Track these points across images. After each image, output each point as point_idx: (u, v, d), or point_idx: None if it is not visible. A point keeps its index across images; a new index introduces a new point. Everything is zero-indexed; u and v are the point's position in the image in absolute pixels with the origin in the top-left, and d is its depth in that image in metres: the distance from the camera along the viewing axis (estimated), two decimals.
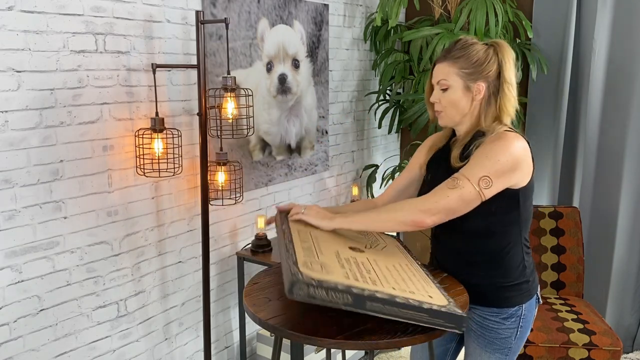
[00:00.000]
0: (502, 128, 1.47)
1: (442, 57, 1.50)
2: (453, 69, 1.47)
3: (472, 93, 1.47)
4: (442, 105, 1.50)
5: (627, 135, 2.87)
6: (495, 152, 1.39)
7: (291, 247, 1.31)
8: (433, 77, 1.53)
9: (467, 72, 1.46)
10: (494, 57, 1.46)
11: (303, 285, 1.12)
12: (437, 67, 1.51)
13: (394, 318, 1.19)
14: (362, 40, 3.21)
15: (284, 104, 2.64)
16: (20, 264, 1.73)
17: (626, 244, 2.97)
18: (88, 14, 1.81)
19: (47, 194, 1.77)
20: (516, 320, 1.53)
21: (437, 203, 1.38)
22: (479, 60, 1.46)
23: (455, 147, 1.52)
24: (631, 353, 3.06)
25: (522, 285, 1.52)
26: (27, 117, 1.69)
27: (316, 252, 1.32)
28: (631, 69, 2.82)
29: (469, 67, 1.46)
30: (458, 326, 1.22)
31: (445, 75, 1.48)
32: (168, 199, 2.17)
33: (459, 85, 1.47)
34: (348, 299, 1.16)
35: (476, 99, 1.48)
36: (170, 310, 2.26)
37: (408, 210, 1.40)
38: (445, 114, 1.52)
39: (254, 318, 1.31)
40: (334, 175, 3.12)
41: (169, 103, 2.11)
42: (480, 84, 1.46)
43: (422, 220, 1.38)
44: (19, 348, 1.76)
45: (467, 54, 1.46)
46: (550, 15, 2.99)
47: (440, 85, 1.49)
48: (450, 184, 1.39)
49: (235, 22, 2.32)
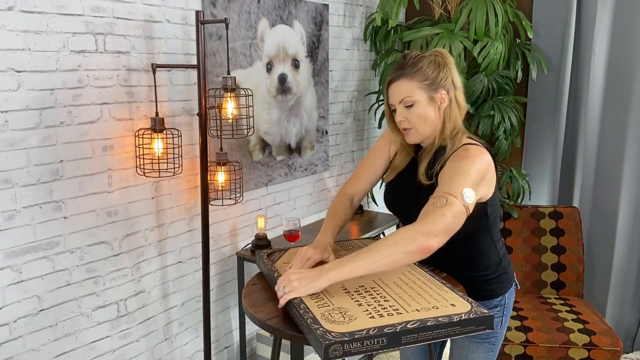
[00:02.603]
0: (464, 139, 1.49)
1: (397, 76, 1.49)
2: (413, 83, 1.46)
3: (437, 103, 1.48)
4: (412, 122, 1.49)
5: (627, 135, 2.87)
6: (465, 167, 1.39)
7: (298, 298, 1.26)
8: (392, 97, 1.51)
9: (428, 84, 1.46)
10: (444, 66, 1.48)
11: (337, 346, 1.08)
12: (394, 87, 1.49)
13: (429, 342, 1.17)
14: (362, 40, 3.21)
15: (284, 104, 2.64)
16: (20, 264, 1.73)
17: (626, 244, 2.97)
18: (88, 14, 1.81)
19: (47, 194, 1.77)
20: (500, 309, 1.60)
21: (436, 224, 1.31)
22: (434, 70, 1.47)
23: (421, 162, 1.52)
24: (631, 353, 3.06)
25: (501, 277, 1.59)
26: (27, 117, 1.69)
27: (324, 295, 1.30)
28: (631, 69, 2.82)
29: (427, 78, 1.46)
30: (489, 326, 1.21)
31: (408, 91, 1.47)
32: (168, 199, 2.17)
33: (423, 98, 1.47)
34: (383, 342, 1.13)
35: (441, 108, 1.48)
36: (170, 310, 2.26)
37: (410, 239, 1.29)
38: (415, 130, 1.50)
39: (254, 319, 1.31)
40: (334, 175, 3.12)
41: (169, 103, 2.11)
42: (442, 92, 1.47)
43: (429, 244, 1.29)
44: (19, 348, 1.76)
45: (421, 67, 1.46)
46: (550, 15, 2.99)
47: (404, 103, 1.48)
48: (437, 202, 1.34)
49: (235, 22, 2.33)
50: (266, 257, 1.57)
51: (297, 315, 1.22)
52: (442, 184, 1.39)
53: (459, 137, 1.49)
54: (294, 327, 1.24)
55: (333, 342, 1.08)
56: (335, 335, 1.10)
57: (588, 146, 2.96)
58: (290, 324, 1.25)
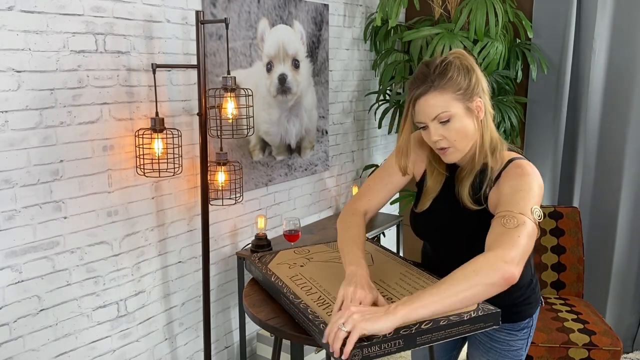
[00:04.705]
0: (506, 152, 1.35)
1: (425, 89, 1.27)
2: (447, 95, 1.27)
3: (474, 113, 1.30)
4: (450, 140, 1.30)
5: (627, 135, 2.87)
6: (527, 184, 1.27)
7: (305, 306, 1.25)
8: (422, 114, 1.29)
9: (462, 93, 1.28)
10: (472, 69, 1.31)
11: (357, 351, 1.07)
12: (424, 102, 1.28)
13: (442, 342, 1.17)
14: (362, 40, 3.21)
15: (284, 104, 2.64)
16: (20, 264, 1.73)
17: (626, 244, 2.97)
18: (88, 14, 1.81)
19: (47, 194, 1.77)
20: (527, 330, 1.52)
21: (515, 249, 1.15)
22: (465, 77, 1.29)
23: (462, 184, 1.36)
24: (631, 353, 3.06)
25: (530, 298, 1.50)
26: (27, 117, 1.69)
27: (332, 301, 1.28)
28: (631, 69, 2.82)
29: (461, 87, 1.28)
30: (496, 322, 1.22)
31: (443, 105, 1.27)
32: (168, 199, 2.17)
33: (460, 110, 1.28)
34: (400, 344, 1.12)
35: (479, 118, 1.31)
36: (171, 310, 2.26)
37: (492, 268, 1.12)
38: (454, 148, 1.31)
39: (254, 319, 1.31)
40: (334, 175, 3.12)
41: (169, 103, 2.11)
42: (477, 100, 1.30)
43: (513, 274, 1.13)
44: (19, 348, 1.76)
45: (452, 75, 1.27)
46: (550, 15, 2.99)
47: (438, 119, 1.28)
48: (509, 223, 1.19)
49: (235, 22, 2.32)
50: (257, 261, 1.53)
51: (305, 320, 1.21)
52: (506, 202, 1.24)
53: (499, 149, 1.34)
54: (295, 327, 1.24)
55: (353, 347, 1.06)
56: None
57: (588, 146, 2.96)
58: (291, 324, 1.25)
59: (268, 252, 1.61)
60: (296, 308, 1.26)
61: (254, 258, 1.55)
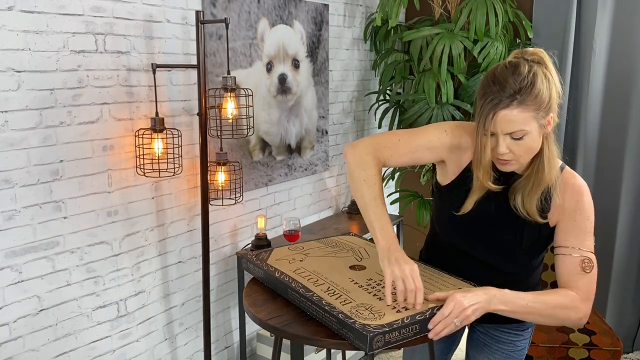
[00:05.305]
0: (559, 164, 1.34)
1: (509, 102, 1.19)
2: (529, 113, 1.20)
3: (544, 129, 1.25)
4: (516, 155, 1.25)
5: (627, 135, 2.87)
6: (588, 213, 1.35)
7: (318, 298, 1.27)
8: (499, 126, 1.22)
9: (542, 111, 1.22)
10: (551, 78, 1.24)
11: (380, 337, 1.12)
12: (504, 116, 1.20)
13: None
14: (362, 40, 3.20)
15: (284, 104, 2.64)
16: (20, 264, 1.73)
17: (626, 244, 2.97)
18: (88, 14, 1.81)
19: (47, 194, 1.77)
20: (531, 330, 1.54)
21: (593, 292, 1.31)
22: (547, 90, 1.21)
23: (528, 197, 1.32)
24: (631, 353, 3.06)
25: None
26: (27, 117, 1.69)
27: (342, 292, 1.31)
28: (631, 69, 2.82)
29: (542, 105, 1.21)
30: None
31: (522, 124, 1.20)
32: (168, 199, 2.17)
33: (535, 128, 1.22)
34: (416, 329, 1.18)
35: (548, 132, 1.27)
36: (170, 311, 2.26)
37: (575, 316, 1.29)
38: (517, 161, 1.27)
39: (254, 318, 1.31)
40: (334, 175, 3.12)
41: (169, 103, 2.11)
42: (551, 115, 1.24)
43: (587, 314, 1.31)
44: (19, 348, 1.75)
45: (539, 92, 1.20)
46: (550, 15, 2.99)
47: (513, 135, 1.22)
48: (587, 267, 1.30)
49: (235, 22, 2.32)
50: (255, 258, 1.54)
51: (321, 312, 1.23)
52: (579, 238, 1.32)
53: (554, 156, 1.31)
54: (295, 327, 1.24)
55: (377, 334, 1.11)
56: (375, 327, 1.14)
57: (588, 146, 2.96)
58: (292, 324, 1.25)
59: (263, 250, 1.61)
60: (309, 301, 1.27)
61: (251, 256, 1.55)
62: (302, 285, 1.33)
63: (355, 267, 1.47)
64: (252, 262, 1.52)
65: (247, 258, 1.54)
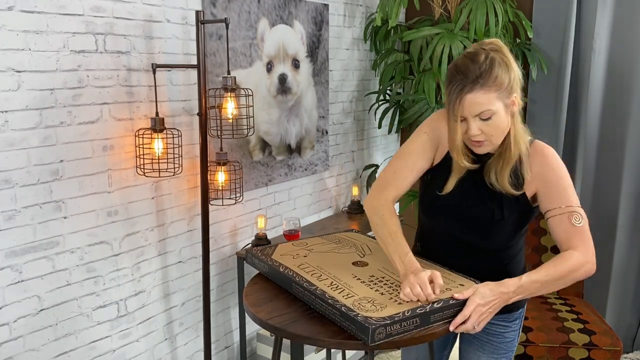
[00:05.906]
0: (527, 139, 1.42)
1: (473, 86, 1.30)
2: (491, 94, 1.30)
3: (510, 108, 1.35)
4: (487, 135, 1.35)
5: (627, 134, 2.87)
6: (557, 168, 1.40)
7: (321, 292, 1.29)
8: (466, 109, 1.32)
9: (503, 91, 1.32)
10: (510, 64, 1.34)
11: (381, 329, 1.14)
12: (470, 99, 1.30)
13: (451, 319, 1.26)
14: (362, 40, 3.20)
15: (284, 104, 2.64)
16: (20, 264, 1.73)
17: (626, 244, 2.97)
18: (88, 14, 1.81)
19: (47, 194, 1.77)
20: (519, 321, 1.57)
21: (592, 246, 1.38)
22: (506, 74, 1.32)
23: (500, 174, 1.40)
24: (631, 353, 3.06)
25: None
26: (27, 117, 1.69)
27: (345, 286, 1.34)
28: (631, 69, 2.82)
29: (503, 86, 1.31)
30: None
31: (487, 104, 1.30)
32: (168, 199, 2.17)
33: (500, 108, 1.32)
34: (417, 322, 1.20)
35: (514, 111, 1.36)
36: (171, 310, 2.26)
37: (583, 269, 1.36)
38: (489, 142, 1.36)
39: (254, 318, 1.31)
40: (334, 175, 3.12)
41: (169, 103, 2.11)
42: (514, 96, 1.35)
43: (594, 270, 1.38)
44: (19, 348, 1.76)
45: (497, 75, 1.30)
46: (550, 15, 2.99)
47: (481, 116, 1.32)
48: (576, 221, 1.36)
49: (235, 22, 2.32)
50: (260, 253, 1.57)
51: (325, 305, 1.26)
52: (561, 196, 1.37)
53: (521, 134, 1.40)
54: (295, 327, 1.24)
55: (379, 326, 1.13)
56: (377, 320, 1.15)
57: (588, 146, 2.96)
58: (292, 323, 1.25)
59: (268, 246, 1.65)
60: (312, 294, 1.29)
61: (256, 251, 1.59)
62: (306, 280, 1.36)
63: (358, 263, 1.49)
64: (257, 257, 1.55)
65: (252, 253, 1.58)
